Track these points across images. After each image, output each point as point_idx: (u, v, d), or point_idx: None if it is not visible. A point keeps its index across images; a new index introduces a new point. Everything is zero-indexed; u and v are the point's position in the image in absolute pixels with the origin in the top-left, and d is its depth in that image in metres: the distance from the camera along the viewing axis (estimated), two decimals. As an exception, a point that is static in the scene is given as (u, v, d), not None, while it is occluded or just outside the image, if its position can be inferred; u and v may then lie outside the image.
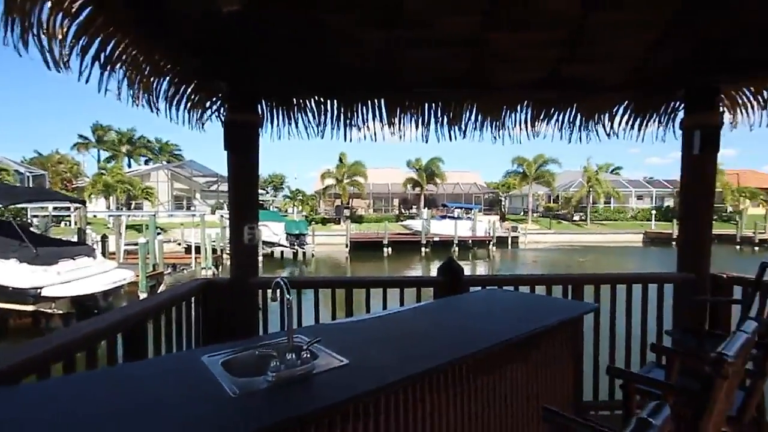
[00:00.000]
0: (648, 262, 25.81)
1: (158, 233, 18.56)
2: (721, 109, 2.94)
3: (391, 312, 2.16)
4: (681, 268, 3.13)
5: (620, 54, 2.67)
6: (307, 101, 3.05)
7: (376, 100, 3.01)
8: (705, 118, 2.85)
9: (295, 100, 3.06)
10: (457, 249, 29.69)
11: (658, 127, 3.19)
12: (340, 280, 3.04)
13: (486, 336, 1.69)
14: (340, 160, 36.33)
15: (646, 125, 3.19)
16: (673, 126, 3.16)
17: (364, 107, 3.03)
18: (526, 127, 3.16)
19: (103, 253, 16.61)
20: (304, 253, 27.57)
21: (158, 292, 13.39)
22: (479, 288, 2.92)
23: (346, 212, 37.87)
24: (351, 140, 3.10)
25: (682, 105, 3.03)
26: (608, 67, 2.83)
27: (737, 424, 1.60)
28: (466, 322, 2.00)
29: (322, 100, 3.04)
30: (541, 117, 3.17)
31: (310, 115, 3.10)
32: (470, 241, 31.09)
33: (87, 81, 2.05)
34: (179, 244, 23.62)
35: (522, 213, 41.02)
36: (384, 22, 2.47)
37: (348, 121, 3.07)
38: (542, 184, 38.74)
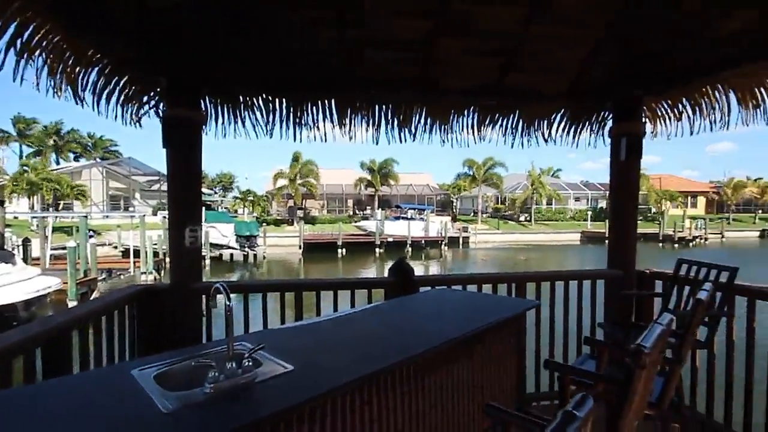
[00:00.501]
0: (585, 258, 27.78)
1: (91, 236, 17.09)
2: (643, 119, 3.23)
3: (341, 314, 2.14)
4: (611, 265, 3.40)
5: (557, 66, 2.85)
6: (254, 99, 2.95)
7: (326, 101, 2.98)
8: (630, 128, 3.12)
9: (242, 97, 2.95)
10: (410, 249, 30.18)
11: (590, 134, 3.45)
12: (289, 283, 2.96)
13: (434, 335, 1.73)
14: (295, 159, 35.59)
15: (580, 132, 3.43)
16: (603, 134, 3.43)
17: (314, 107, 2.99)
18: (473, 132, 3.27)
19: (25, 259, 15.01)
20: (255, 255, 26.68)
21: (90, 299, 12.33)
22: (429, 288, 2.99)
23: (300, 213, 37.20)
24: (301, 140, 3.05)
25: (611, 115, 3.30)
26: (546, 77, 3.01)
27: (658, 408, 1.75)
28: (416, 322, 2.03)
29: (270, 98, 2.95)
30: (487, 122, 3.30)
31: (258, 113, 3.01)
32: (423, 242, 31.72)
33: (0, 68, 1.84)
34: (115, 247, 21.92)
35: (472, 214, 42.56)
36: (335, 21, 2.45)
37: (298, 121, 3.01)
38: (491, 186, 40.50)
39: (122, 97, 2.65)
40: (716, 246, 35.09)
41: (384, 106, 3.09)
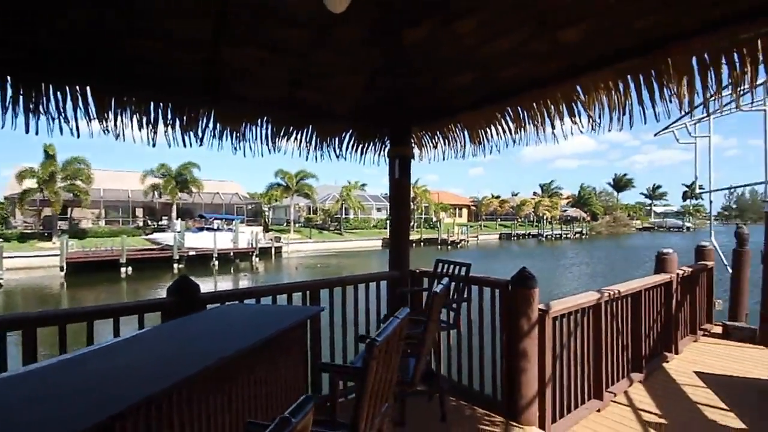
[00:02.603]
0: (384, 262, 31.44)
1: None
2: (413, 144, 3.89)
3: (89, 350, 1.74)
4: (391, 267, 3.93)
5: (340, 89, 3.14)
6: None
7: (77, 87, 2.41)
8: (402, 150, 3.71)
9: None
10: (216, 262, 27.67)
11: (374, 153, 3.93)
12: (14, 319, 2.24)
13: (211, 354, 1.60)
14: (47, 154, 27.45)
15: (366, 151, 3.86)
16: (385, 154, 3.95)
17: (59, 93, 2.38)
18: (267, 142, 3.25)
19: None
20: (-21, 284, 19.35)
21: None
22: (219, 304, 2.77)
23: (63, 225, 29.11)
24: (38, 132, 2.36)
25: (388, 139, 3.84)
26: (334, 98, 3.28)
27: (412, 385, 2.10)
28: (190, 344, 1.84)
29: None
30: (282, 134, 3.33)
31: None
32: (232, 254, 29.61)
33: None
34: None
35: (285, 223, 42.37)
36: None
37: (33, 108, 2.33)
38: (303, 197, 41.28)
39: None
40: (474, 246, 45.48)
41: (162, 104, 2.73)
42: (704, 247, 5.91)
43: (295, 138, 3.42)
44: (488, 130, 3.32)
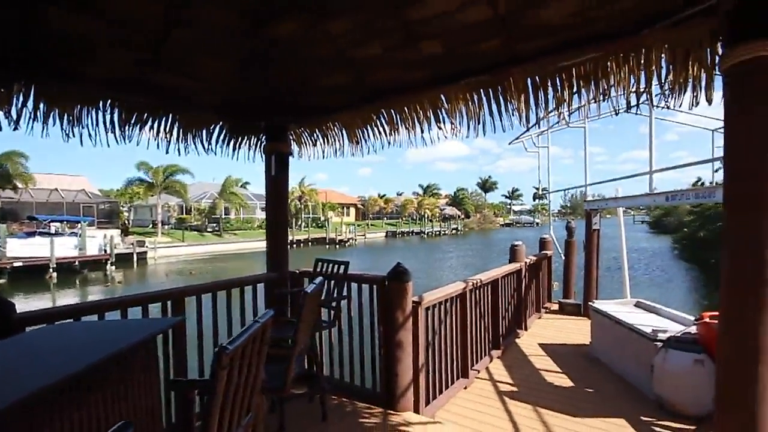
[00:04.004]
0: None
1: None
2: (291, 142, 3.76)
3: None
4: (269, 269, 3.74)
5: (207, 77, 2.86)
6: None
7: None
8: (279, 147, 3.55)
9: None
10: (55, 274, 22.88)
11: (250, 149, 3.68)
12: None
13: (21, 387, 1.27)
14: None
15: (240, 146, 3.60)
16: (262, 150, 3.74)
17: None
18: (114, 130, 2.77)
19: None
20: None
21: None
22: (45, 325, 2.26)
23: None
24: None
25: (264, 135, 3.64)
26: (200, 86, 2.96)
27: (285, 390, 2.02)
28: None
29: None
30: (133, 121, 2.88)
31: None
32: (78, 263, 24.81)
33: None
34: None
35: (151, 225, 37.22)
36: None
37: None
38: (173, 194, 36.74)
39: None
40: (362, 244, 46.67)
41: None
42: (545, 239, 7.08)
43: (152, 127, 3.00)
44: (365, 131, 3.39)
